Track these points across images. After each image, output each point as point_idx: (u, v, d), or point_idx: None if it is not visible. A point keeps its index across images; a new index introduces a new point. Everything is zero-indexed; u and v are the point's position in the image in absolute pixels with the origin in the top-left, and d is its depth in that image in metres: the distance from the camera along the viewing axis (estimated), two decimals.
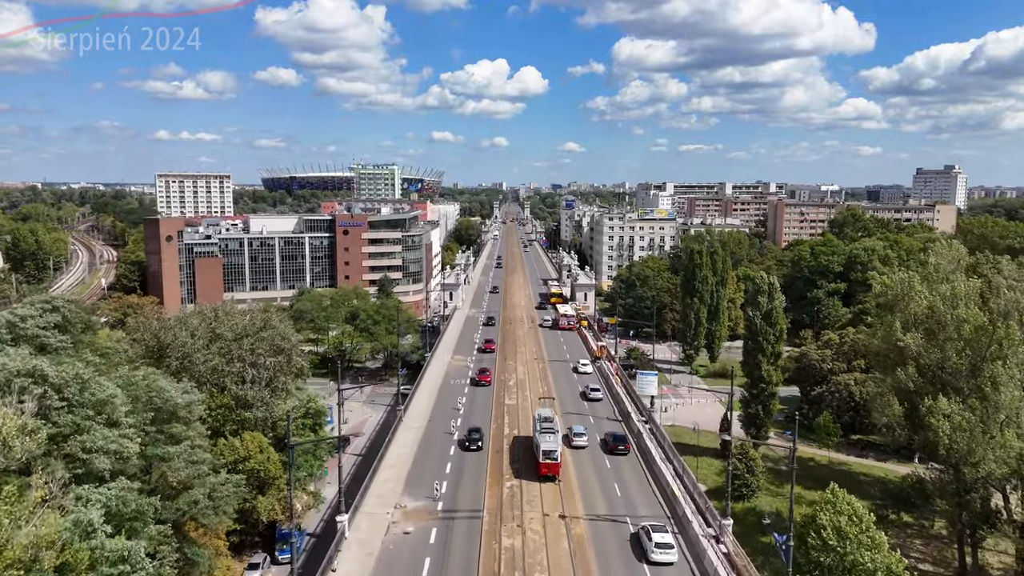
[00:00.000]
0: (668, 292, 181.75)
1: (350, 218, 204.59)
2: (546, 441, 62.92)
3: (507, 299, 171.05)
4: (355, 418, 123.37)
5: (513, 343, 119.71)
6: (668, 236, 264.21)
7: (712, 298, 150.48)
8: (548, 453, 62.13)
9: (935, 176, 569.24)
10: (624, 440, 72.50)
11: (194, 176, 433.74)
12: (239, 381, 77.75)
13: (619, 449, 70.81)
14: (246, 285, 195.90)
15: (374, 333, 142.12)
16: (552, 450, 62.25)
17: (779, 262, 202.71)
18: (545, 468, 62.00)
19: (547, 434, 64.09)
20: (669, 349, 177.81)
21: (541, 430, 65.00)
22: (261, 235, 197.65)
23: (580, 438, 71.98)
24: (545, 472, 62.03)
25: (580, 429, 73.73)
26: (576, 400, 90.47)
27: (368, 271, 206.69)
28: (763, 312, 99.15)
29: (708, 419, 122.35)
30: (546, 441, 62.92)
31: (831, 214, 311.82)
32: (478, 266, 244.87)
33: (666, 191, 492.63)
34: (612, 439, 73.02)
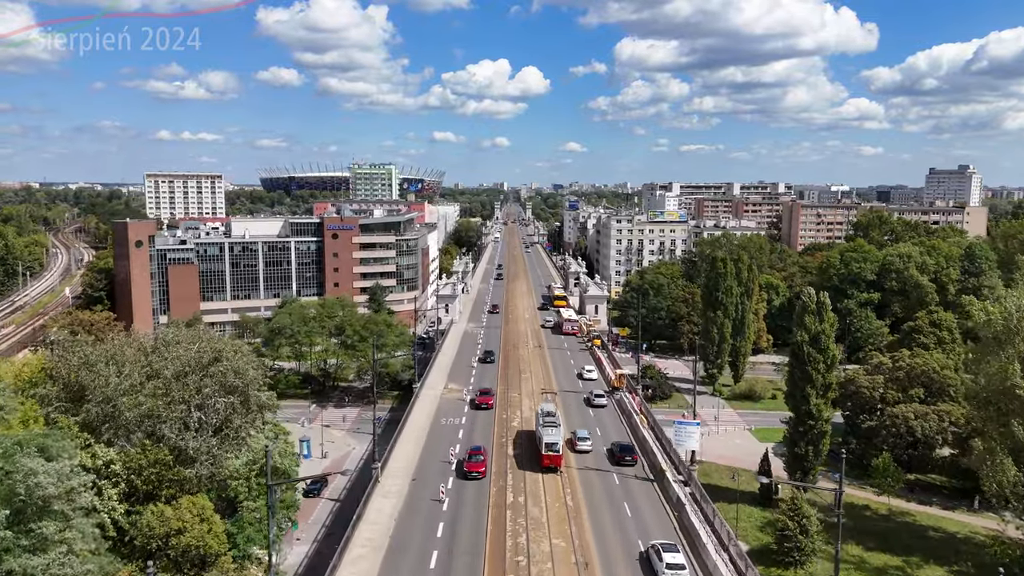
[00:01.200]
0: (684, 302, 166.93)
1: (339, 221, 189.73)
2: (549, 435, 65.93)
3: (509, 311, 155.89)
4: (336, 450, 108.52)
5: (516, 368, 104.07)
6: (679, 240, 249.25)
7: (737, 311, 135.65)
8: (550, 446, 65.09)
9: (948, 176, 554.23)
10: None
11: (185, 176, 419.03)
12: (181, 429, 62.92)
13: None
14: (226, 293, 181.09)
15: (361, 350, 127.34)
16: (554, 443, 65.31)
17: (802, 269, 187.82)
18: (547, 460, 65.00)
19: (550, 428, 67.07)
20: (686, 365, 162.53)
21: (544, 424, 67.83)
22: (243, 239, 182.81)
23: (584, 442, 71.62)
24: (547, 464, 64.97)
25: (584, 433, 73.13)
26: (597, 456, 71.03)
27: (359, 278, 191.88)
28: (811, 335, 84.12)
29: (740, 452, 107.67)
30: (549, 435, 65.93)
31: (849, 216, 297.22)
32: (478, 272, 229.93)
33: (672, 191, 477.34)
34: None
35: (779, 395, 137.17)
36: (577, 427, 75.38)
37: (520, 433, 74.90)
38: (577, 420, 79.90)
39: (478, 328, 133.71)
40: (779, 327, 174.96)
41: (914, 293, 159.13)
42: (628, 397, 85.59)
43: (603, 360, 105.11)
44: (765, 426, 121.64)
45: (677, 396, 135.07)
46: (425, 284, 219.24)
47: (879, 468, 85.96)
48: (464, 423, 78.48)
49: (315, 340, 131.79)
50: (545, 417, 69.17)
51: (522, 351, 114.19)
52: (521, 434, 74.47)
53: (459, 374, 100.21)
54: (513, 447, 71.09)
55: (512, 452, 69.54)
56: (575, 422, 77.98)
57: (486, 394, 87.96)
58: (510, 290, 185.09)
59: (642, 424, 74.30)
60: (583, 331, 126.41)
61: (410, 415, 77.70)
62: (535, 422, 71.33)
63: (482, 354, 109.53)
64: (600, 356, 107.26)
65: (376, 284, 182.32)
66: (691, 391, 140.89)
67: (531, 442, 70.75)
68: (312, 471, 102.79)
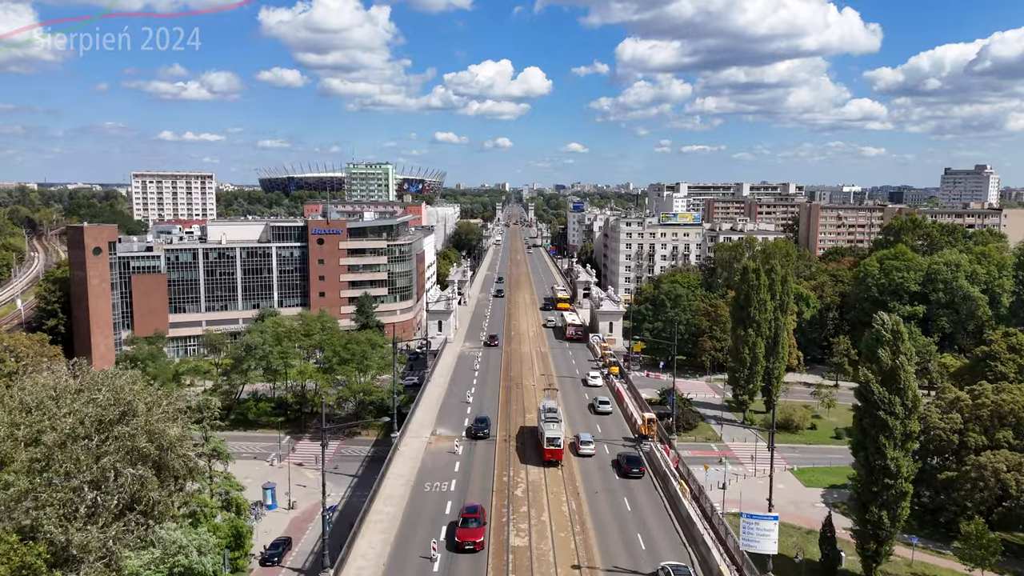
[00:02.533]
0: (706, 315, 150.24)
1: (326, 225, 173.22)
2: (550, 429, 67.27)
3: (511, 330, 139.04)
4: (307, 497, 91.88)
5: (520, 405, 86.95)
6: (693, 244, 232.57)
7: (770, 328, 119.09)
8: (552, 440, 66.65)
9: (965, 176, 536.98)
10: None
11: (173, 176, 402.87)
12: (69, 516, 46.45)
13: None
14: (200, 304, 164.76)
15: (342, 373, 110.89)
16: (556, 437, 66.86)
17: (832, 277, 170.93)
18: (549, 454, 66.47)
19: (551, 423, 68.13)
20: (709, 386, 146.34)
21: (546, 419, 68.99)
22: (219, 245, 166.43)
23: (587, 446, 71.01)
24: (549, 458, 66.43)
25: (587, 437, 72.75)
26: None
27: (347, 287, 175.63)
28: (885, 372, 67.45)
29: (782, 500, 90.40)
30: (550, 429, 67.27)
31: (872, 218, 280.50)
32: (478, 279, 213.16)
33: (680, 192, 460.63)
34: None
35: (819, 424, 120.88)
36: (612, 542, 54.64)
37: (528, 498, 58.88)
38: (609, 516, 57.75)
39: (475, 349, 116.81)
40: (809, 342, 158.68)
41: (964, 306, 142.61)
42: (660, 451, 68.52)
43: (623, 393, 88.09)
44: (807, 464, 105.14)
45: (703, 426, 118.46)
46: (420, 292, 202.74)
47: (971, 536, 69.19)
48: (454, 490, 61.61)
49: (291, 361, 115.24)
50: (547, 413, 70.50)
51: (527, 380, 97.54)
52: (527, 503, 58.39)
53: (451, 413, 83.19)
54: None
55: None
56: (604, 510, 58.41)
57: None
58: (513, 302, 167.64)
59: (683, 494, 57.28)
60: (597, 353, 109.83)
61: (383, 482, 60.44)
62: (537, 418, 73.16)
63: (474, 422, 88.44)
64: (620, 388, 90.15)
65: (364, 295, 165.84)
66: (718, 419, 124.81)
67: None
68: (276, 525, 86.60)
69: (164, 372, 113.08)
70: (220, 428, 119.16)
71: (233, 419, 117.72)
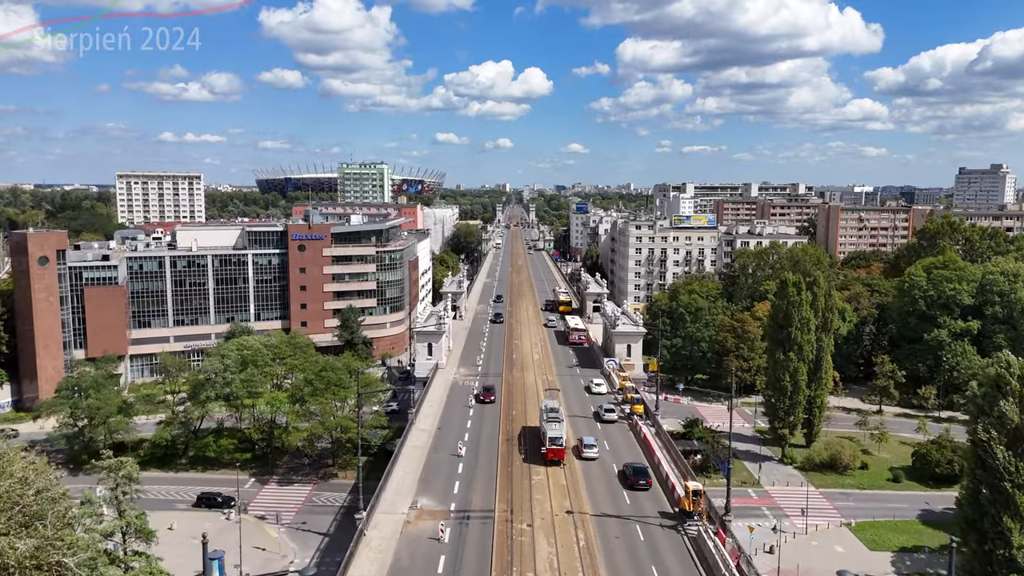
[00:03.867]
0: (731, 332, 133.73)
1: (307, 229, 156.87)
2: (552, 429, 68.03)
3: (512, 350, 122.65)
4: (266, 566, 75.48)
5: (525, 478, 69.80)
6: (708, 248, 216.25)
7: (813, 350, 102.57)
8: (554, 440, 67.41)
9: (980, 176, 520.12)
10: None
11: (159, 176, 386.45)
12: None
13: None
14: (168, 319, 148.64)
15: (316, 402, 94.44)
16: (558, 436, 67.52)
17: (869, 287, 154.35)
18: (551, 453, 67.19)
19: (553, 423, 68.85)
20: (738, 414, 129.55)
21: (548, 419, 69.61)
22: (189, 252, 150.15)
23: (590, 449, 70.57)
24: (551, 457, 67.12)
25: (591, 440, 72.41)
26: None
27: (331, 297, 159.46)
28: (1010, 431, 51.10)
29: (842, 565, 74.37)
30: (552, 429, 68.03)
31: (895, 220, 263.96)
32: (477, 287, 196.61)
33: (687, 193, 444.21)
34: None
35: (870, 463, 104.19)
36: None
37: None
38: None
39: (471, 377, 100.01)
40: (844, 360, 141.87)
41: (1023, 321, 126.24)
42: (710, 533, 51.68)
43: (652, 444, 70.78)
44: (865, 515, 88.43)
45: (737, 465, 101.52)
46: (414, 303, 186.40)
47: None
48: None
49: (257, 390, 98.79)
50: (549, 413, 70.66)
51: (532, 419, 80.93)
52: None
53: (438, 472, 65.96)
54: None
55: None
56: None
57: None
58: (515, 316, 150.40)
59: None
60: (614, 383, 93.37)
61: None
62: (539, 418, 73.77)
63: (470, 437, 74.13)
64: (647, 436, 72.96)
65: (349, 307, 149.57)
66: (751, 454, 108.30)
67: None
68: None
69: (107, 404, 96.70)
70: (179, 467, 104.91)
71: (192, 456, 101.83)
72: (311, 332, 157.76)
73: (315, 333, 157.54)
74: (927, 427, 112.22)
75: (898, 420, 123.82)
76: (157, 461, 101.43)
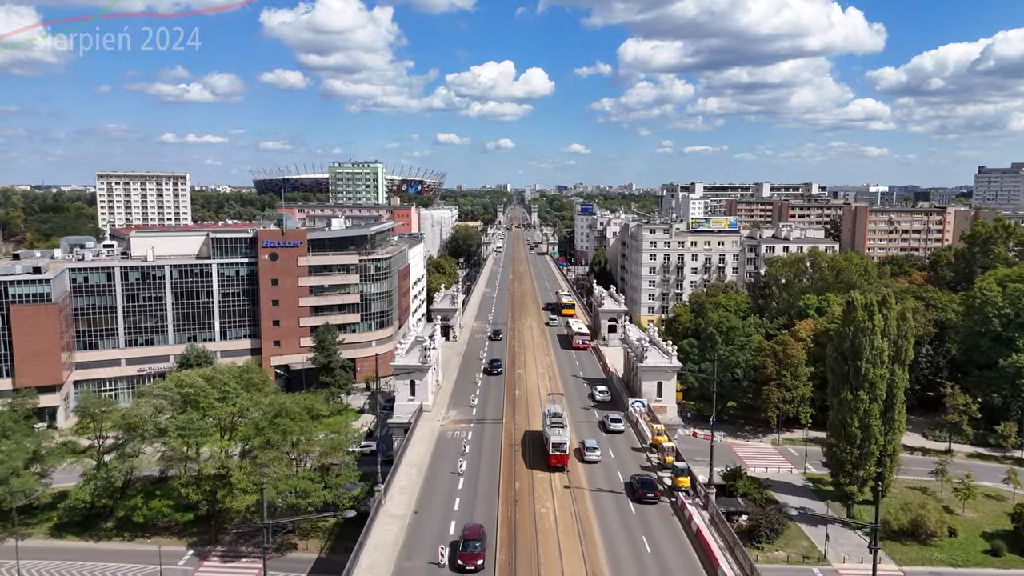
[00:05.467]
0: (771, 356, 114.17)
1: (280, 236, 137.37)
2: (556, 435, 66.15)
3: (515, 381, 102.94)
4: None
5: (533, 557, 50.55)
6: (730, 255, 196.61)
7: (888, 388, 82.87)
8: (557, 446, 65.68)
9: (1001, 175, 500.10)
10: None
11: (142, 176, 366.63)
12: None
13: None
14: (118, 339, 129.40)
15: (269, 464, 74.86)
16: (562, 443, 65.68)
17: (922, 301, 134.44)
18: (555, 459, 65.82)
19: (556, 428, 67.11)
20: (778, 452, 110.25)
21: (551, 424, 67.93)
22: (144, 263, 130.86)
23: (593, 452, 69.45)
24: (555, 463, 65.74)
25: (593, 443, 71.02)
26: None
27: (308, 313, 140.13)
28: None
29: None
30: (556, 435, 66.15)
31: (929, 222, 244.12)
32: (475, 298, 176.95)
33: (696, 193, 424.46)
34: None
35: (957, 526, 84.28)
36: None
37: None
38: None
39: (464, 425, 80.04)
40: None
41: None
42: None
43: (710, 543, 50.31)
44: None
45: (793, 530, 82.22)
46: (404, 316, 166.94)
47: None
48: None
49: (198, 439, 79.14)
50: (552, 418, 69.20)
51: (542, 496, 61.10)
52: None
53: None
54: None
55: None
56: None
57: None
58: (518, 337, 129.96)
59: None
60: (645, 437, 73.65)
61: None
62: (542, 422, 72.72)
63: (459, 515, 54.75)
64: (701, 529, 51.94)
65: (325, 326, 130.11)
66: (805, 513, 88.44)
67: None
68: None
69: (11, 458, 77.30)
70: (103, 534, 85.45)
71: (121, 517, 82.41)
72: (285, 352, 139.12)
73: (290, 354, 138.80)
74: (1017, 476, 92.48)
75: (973, 464, 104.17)
76: (76, 526, 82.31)
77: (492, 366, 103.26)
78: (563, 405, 78.91)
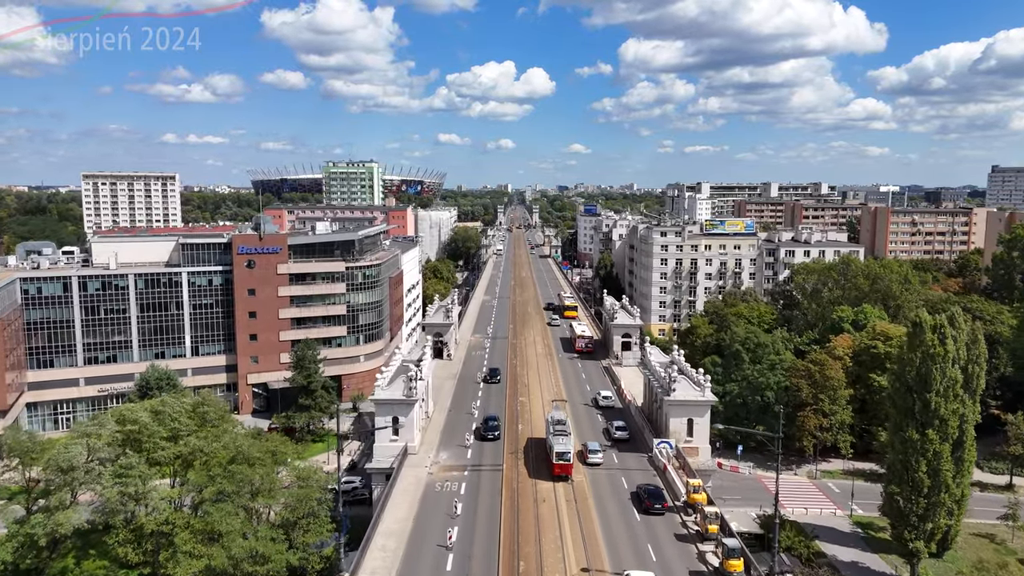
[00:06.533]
0: (807, 378, 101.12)
1: (257, 241, 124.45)
2: (559, 444, 64.09)
3: (518, 415, 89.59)
4: None
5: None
6: (747, 259, 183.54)
7: (959, 423, 69.81)
8: (561, 455, 63.53)
9: (1016, 174, 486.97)
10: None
11: (129, 176, 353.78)
12: None
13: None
14: (76, 356, 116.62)
15: (221, 522, 61.81)
16: (565, 452, 63.54)
17: (969, 312, 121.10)
18: (559, 468, 63.71)
19: (560, 436, 65.04)
20: (816, 487, 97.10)
21: (554, 432, 65.86)
22: (105, 271, 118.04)
23: (595, 455, 68.51)
24: (558, 472, 63.70)
25: (595, 446, 70.12)
26: None
27: (289, 326, 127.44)
28: None
29: None
30: (559, 444, 64.09)
31: (954, 224, 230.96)
32: (472, 308, 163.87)
33: (702, 193, 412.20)
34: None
35: None
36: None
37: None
38: None
39: (455, 475, 65.93)
40: None
41: None
42: None
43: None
44: None
45: None
46: (396, 328, 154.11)
47: None
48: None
49: (139, 489, 66.09)
50: (555, 425, 67.11)
51: None
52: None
53: None
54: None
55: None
56: None
57: None
58: (521, 357, 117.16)
59: None
60: (677, 491, 60.46)
61: None
62: (545, 429, 70.40)
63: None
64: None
65: (305, 342, 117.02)
66: (857, 568, 75.50)
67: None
68: None
69: None
70: None
71: None
72: (264, 369, 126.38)
73: (269, 371, 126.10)
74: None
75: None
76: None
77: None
78: (567, 412, 76.35)
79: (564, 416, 70.56)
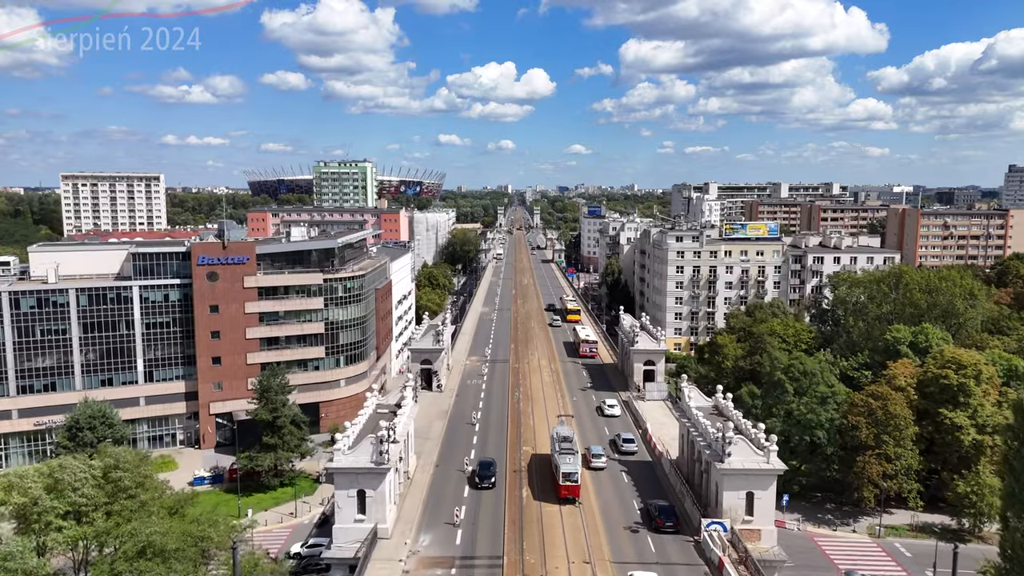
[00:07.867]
0: (865, 414, 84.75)
1: (221, 250, 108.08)
2: (566, 463, 59.53)
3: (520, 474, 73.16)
4: None
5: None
6: (770, 267, 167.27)
7: None
8: (568, 475, 58.91)
9: None
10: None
11: (111, 177, 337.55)
12: None
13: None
14: (7, 385, 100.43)
15: None
16: (572, 472, 58.91)
17: None
18: (565, 491, 58.76)
19: (566, 455, 60.58)
20: (882, 549, 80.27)
21: (560, 451, 61.44)
22: (43, 286, 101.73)
23: (598, 459, 66.59)
24: (565, 495, 58.68)
25: (598, 450, 68.31)
26: None
27: (258, 347, 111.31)
28: None
29: None
30: (566, 463, 59.53)
31: (989, 227, 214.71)
32: (468, 324, 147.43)
33: (710, 194, 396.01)
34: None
35: None
36: None
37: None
38: None
39: (444, 566, 48.37)
40: None
41: None
42: None
43: None
44: None
45: None
46: (384, 345, 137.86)
47: None
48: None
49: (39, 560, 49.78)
50: (561, 443, 62.66)
51: None
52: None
53: None
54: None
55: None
56: None
57: None
58: (524, 382, 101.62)
59: None
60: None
61: None
62: (551, 448, 65.77)
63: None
64: None
65: (271, 369, 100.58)
66: None
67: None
68: None
69: None
70: None
71: None
72: (228, 397, 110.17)
73: (235, 398, 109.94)
74: None
75: None
76: None
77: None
78: (573, 427, 73.41)
79: (570, 433, 66.40)
